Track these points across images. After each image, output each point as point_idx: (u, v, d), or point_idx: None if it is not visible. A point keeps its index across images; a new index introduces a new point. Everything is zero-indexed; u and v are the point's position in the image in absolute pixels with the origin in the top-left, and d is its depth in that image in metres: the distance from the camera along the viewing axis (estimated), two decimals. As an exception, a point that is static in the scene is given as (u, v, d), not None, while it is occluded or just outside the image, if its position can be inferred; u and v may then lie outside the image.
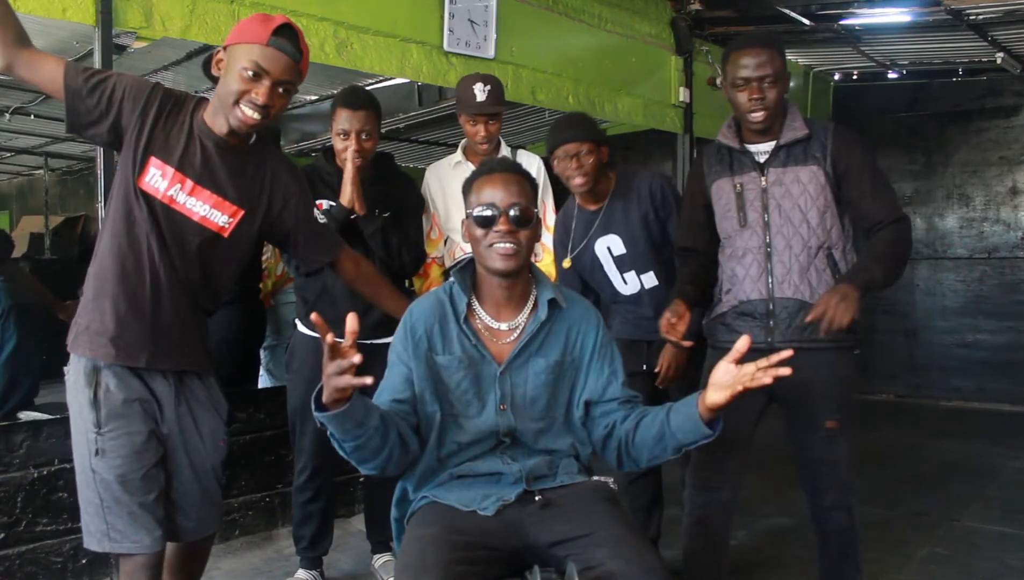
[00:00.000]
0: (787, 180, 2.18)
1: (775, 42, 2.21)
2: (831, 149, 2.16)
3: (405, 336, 1.79)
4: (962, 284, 6.17)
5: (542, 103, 4.33)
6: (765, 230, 2.21)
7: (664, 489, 2.90)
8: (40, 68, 1.81)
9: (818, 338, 2.10)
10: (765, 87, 2.14)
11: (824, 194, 2.16)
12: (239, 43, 1.80)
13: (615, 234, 2.66)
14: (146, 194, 1.82)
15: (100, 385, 1.80)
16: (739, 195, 2.24)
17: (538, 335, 1.79)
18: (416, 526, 1.70)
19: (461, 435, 1.77)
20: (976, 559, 3.03)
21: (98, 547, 1.82)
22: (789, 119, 2.21)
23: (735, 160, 2.27)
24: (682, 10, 4.99)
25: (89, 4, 2.72)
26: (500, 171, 1.79)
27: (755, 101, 2.15)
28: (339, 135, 2.61)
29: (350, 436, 1.55)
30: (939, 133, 6.21)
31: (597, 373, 1.82)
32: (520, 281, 1.80)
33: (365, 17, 3.49)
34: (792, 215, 2.18)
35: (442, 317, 1.79)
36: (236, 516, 3.28)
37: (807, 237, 2.17)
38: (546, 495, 1.73)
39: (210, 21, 3.01)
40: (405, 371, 1.77)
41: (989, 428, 5.33)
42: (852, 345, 2.21)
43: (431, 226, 3.01)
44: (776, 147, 2.20)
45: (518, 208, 1.74)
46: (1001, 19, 4.42)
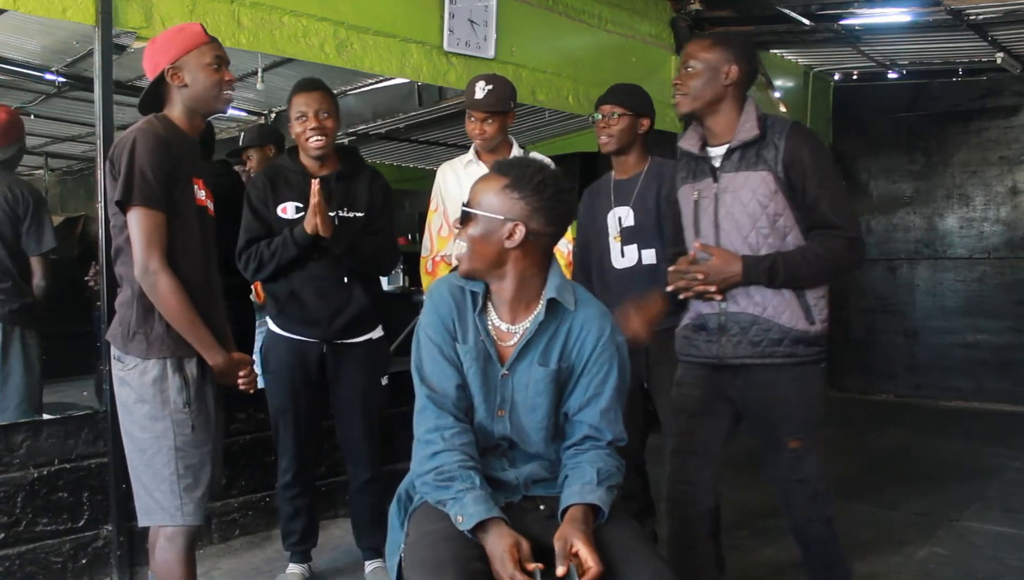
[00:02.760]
0: (737, 186, 2.07)
1: (712, 34, 2.19)
2: (783, 151, 2.03)
3: (434, 316, 1.74)
4: (962, 284, 6.16)
5: (542, 103, 4.33)
6: (717, 239, 2.11)
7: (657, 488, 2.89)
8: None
9: (775, 353, 2.06)
10: (685, 73, 2.14)
11: (775, 200, 2.04)
12: (189, 51, 2.04)
13: (629, 207, 2.75)
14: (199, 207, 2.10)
15: (186, 373, 2.02)
16: (696, 203, 2.16)
17: (539, 338, 1.72)
18: (422, 522, 1.67)
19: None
20: (976, 559, 3.03)
21: (169, 521, 2.00)
22: (743, 118, 2.09)
23: (697, 166, 2.19)
24: (682, 10, 5.00)
25: (89, 4, 2.73)
26: (492, 169, 1.78)
27: (676, 85, 2.17)
28: (297, 119, 2.64)
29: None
30: (939, 133, 6.20)
31: (583, 388, 1.73)
32: (511, 281, 1.71)
33: (365, 17, 3.49)
34: (741, 223, 2.07)
35: (460, 303, 1.74)
36: (236, 516, 3.28)
37: (757, 246, 2.06)
38: (550, 505, 1.71)
39: (210, 21, 3.02)
40: (440, 350, 1.71)
41: (989, 428, 5.32)
42: (815, 358, 2.10)
43: (441, 224, 3.01)
44: (728, 150, 2.10)
45: (465, 205, 1.71)
46: (1001, 19, 4.42)
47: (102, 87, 2.80)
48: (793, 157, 2.03)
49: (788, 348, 2.07)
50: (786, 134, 2.05)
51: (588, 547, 1.51)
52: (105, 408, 2.87)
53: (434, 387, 1.70)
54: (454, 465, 1.61)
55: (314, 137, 2.62)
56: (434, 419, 1.67)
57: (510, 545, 1.50)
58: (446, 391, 1.69)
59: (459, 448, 1.64)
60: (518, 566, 1.48)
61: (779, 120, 2.11)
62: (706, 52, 2.12)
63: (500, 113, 2.86)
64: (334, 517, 3.49)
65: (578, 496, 1.62)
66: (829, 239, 2.04)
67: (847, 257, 2.08)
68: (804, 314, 2.07)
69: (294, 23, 3.28)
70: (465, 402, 1.71)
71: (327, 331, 2.70)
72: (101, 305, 2.86)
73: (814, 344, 2.08)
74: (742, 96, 2.13)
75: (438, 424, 1.66)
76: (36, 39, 3.58)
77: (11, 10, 2.65)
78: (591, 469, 1.67)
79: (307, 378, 2.73)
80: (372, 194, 2.75)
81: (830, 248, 2.04)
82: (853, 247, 2.07)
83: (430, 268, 3.02)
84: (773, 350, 2.07)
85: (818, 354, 2.11)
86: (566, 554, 1.51)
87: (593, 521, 1.60)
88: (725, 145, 2.12)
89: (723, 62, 2.10)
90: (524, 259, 1.69)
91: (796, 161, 2.03)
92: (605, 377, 1.73)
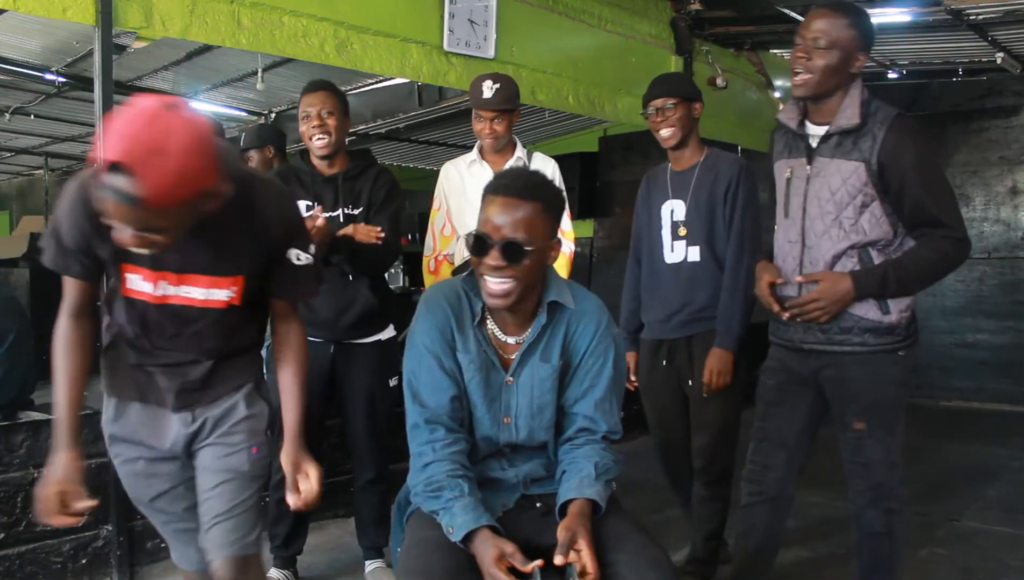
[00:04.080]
0: (829, 172, 2.03)
1: (848, 9, 2.03)
2: (880, 144, 1.97)
3: (430, 325, 1.71)
4: (962, 284, 6.16)
5: (542, 103, 4.34)
6: (803, 223, 2.09)
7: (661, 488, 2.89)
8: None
9: (844, 342, 2.05)
10: (812, 51, 1.99)
11: (864, 191, 1.99)
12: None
13: (681, 200, 2.72)
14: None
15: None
16: (788, 181, 2.13)
17: (540, 340, 1.72)
18: (416, 528, 1.67)
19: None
20: (976, 559, 3.02)
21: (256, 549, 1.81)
22: (846, 102, 2.01)
23: (793, 141, 2.14)
24: (682, 10, 5.00)
25: (89, 4, 2.72)
26: (506, 194, 1.62)
27: (799, 61, 2.02)
28: (303, 119, 2.66)
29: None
30: (939, 133, 6.20)
31: (580, 380, 1.74)
32: (524, 305, 1.70)
33: (365, 17, 3.49)
34: (827, 210, 2.04)
35: (459, 312, 1.71)
36: (236, 516, 3.27)
37: (836, 237, 2.03)
38: (546, 502, 1.72)
39: (210, 21, 3.02)
40: (438, 363, 1.69)
41: (989, 428, 5.33)
42: (889, 347, 2.06)
43: (444, 223, 3.01)
44: (826, 133, 2.05)
45: (513, 241, 1.58)
46: (1001, 19, 4.42)
47: (102, 87, 2.79)
48: (893, 155, 1.97)
49: (857, 337, 2.05)
50: (887, 126, 1.98)
51: (590, 548, 1.52)
52: (105, 408, 2.87)
53: (426, 404, 1.68)
54: (443, 475, 1.61)
55: (317, 136, 2.63)
56: (427, 435, 1.67)
57: (496, 557, 1.49)
58: (440, 404, 1.68)
59: (449, 458, 1.64)
60: (508, 574, 1.48)
61: (883, 107, 2.03)
62: (843, 32, 1.98)
63: (508, 111, 2.86)
64: (334, 517, 3.49)
65: (576, 491, 1.63)
66: (937, 240, 2.00)
67: (955, 258, 2.03)
68: (877, 305, 2.03)
69: (294, 23, 3.27)
70: (460, 411, 1.70)
71: (334, 331, 2.69)
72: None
73: (888, 333, 2.04)
74: (853, 80, 2.04)
75: (430, 438, 1.66)
76: (36, 39, 3.58)
77: (11, 10, 2.64)
78: (588, 464, 1.68)
79: (310, 379, 2.72)
80: (373, 190, 2.75)
81: (939, 250, 2.00)
82: (960, 247, 2.02)
83: (432, 267, 3.01)
84: (843, 338, 2.05)
85: (893, 343, 2.06)
86: (569, 546, 1.51)
87: (592, 516, 1.61)
88: (824, 126, 2.06)
89: (857, 49, 2.00)
90: (541, 270, 1.69)
91: (896, 160, 1.97)
92: (601, 369, 1.73)
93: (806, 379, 2.17)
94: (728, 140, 5.65)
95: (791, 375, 2.19)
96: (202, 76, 4.50)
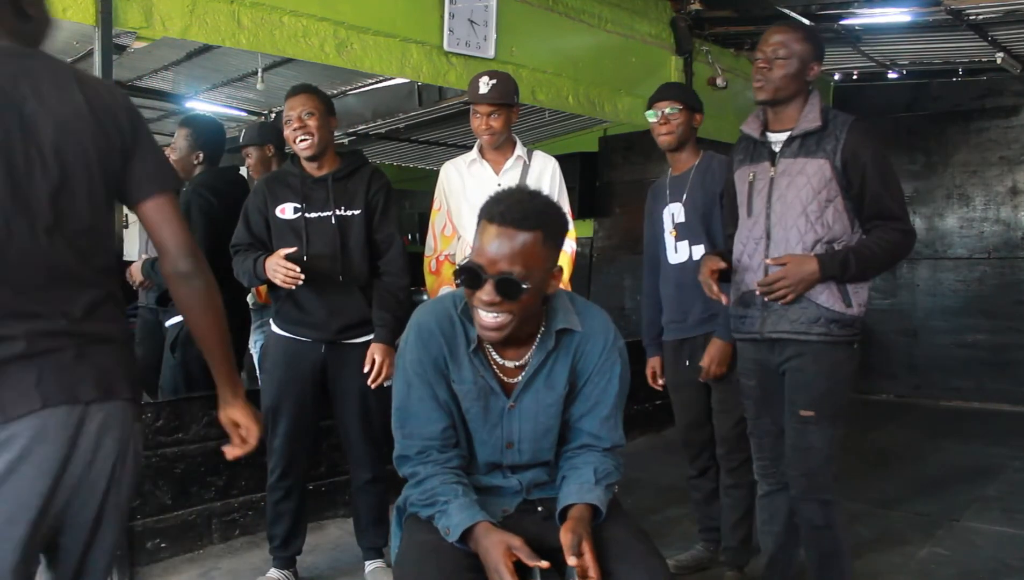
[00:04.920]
0: (794, 171, 2.19)
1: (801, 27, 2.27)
2: (843, 143, 2.15)
3: (422, 352, 1.64)
4: (962, 284, 6.16)
5: (542, 103, 4.34)
6: (767, 220, 2.23)
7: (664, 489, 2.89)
8: None
9: (810, 330, 2.17)
10: (772, 61, 2.19)
11: (828, 188, 2.16)
12: None
13: (680, 203, 2.81)
14: None
15: None
16: (750, 185, 2.28)
17: (544, 365, 1.68)
18: (413, 531, 1.66)
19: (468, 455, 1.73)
20: (976, 559, 3.02)
21: None
22: (807, 109, 2.21)
23: (756, 150, 2.30)
24: (682, 10, 5.00)
25: (89, 4, 2.72)
26: (502, 223, 1.50)
27: (760, 71, 2.21)
28: (286, 124, 2.68)
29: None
30: (939, 133, 6.20)
31: (585, 397, 1.72)
32: (521, 332, 1.62)
33: (365, 17, 3.49)
34: (792, 206, 2.19)
35: (452, 338, 1.64)
36: (236, 516, 3.27)
37: (804, 230, 2.18)
38: (547, 506, 1.71)
39: (210, 21, 3.02)
40: (431, 391, 1.64)
41: (989, 428, 5.32)
42: (847, 339, 2.20)
43: (445, 223, 3.00)
44: (789, 137, 2.22)
45: (509, 277, 1.49)
46: (1001, 19, 4.42)
47: (102, 87, 2.79)
48: (854, 153, 2.15)
49: (823, 327, 2.18)
50: (848, 128, 2.17)
51: (592, 555, 1.52)
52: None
53: (414, 435, 1.66)
54: (436, 483, 1.61)
55: (299, 137, 2.65)
56: (415, 462, 1.66)
57: (503, 552, 1.49)
58: (432, 435, 1.66)
59: (441, 471, 1.63)
60: (514, 572, 1.47)
61: (840, 114, 2.23)
62: (799, 44, 2.20)
63: (505, 107, 2.85)
64: (334, 517, 3.49)
65: (576, 496, 1.62)
66: (889, 231, 2.18)
67: (905, 247, 2.23)
68: (841, 297, 2.18)
69: (294, 23, 3.28)
70: (454, 438, 1.68)
71: (327, 332, 2.70)
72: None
73: (849, 326, 2.19)
74: (810, 90, 2.25)
75: (420, 460, 1.66)
76: (36, 39, 3.57)
77: (11, 10, 2.64)
78: (588, 469, 1.67)
79: (302, 379, 2.73)
80: (371, 193, 2.75)
81: (891, 240, 2.18)
82: (908, 237, 2.23)
83: (434, 267, 3.01)
84: (809, 328, 2.19)
85: (851, 336, 2.21)
86: (577, 547, 1.51)
87: (592, 521, 1.61)
88: (786, 132, 2.24)
89: (811, 59, 2.21)
90: (537, 302, 1.63)
91: (857, 157, 2.15)
92: (607, 384, 1.72)
93: (775, 371, 2.28)
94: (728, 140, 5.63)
95: (765, 370, 2.30)
96: (202, 76, 4.50)
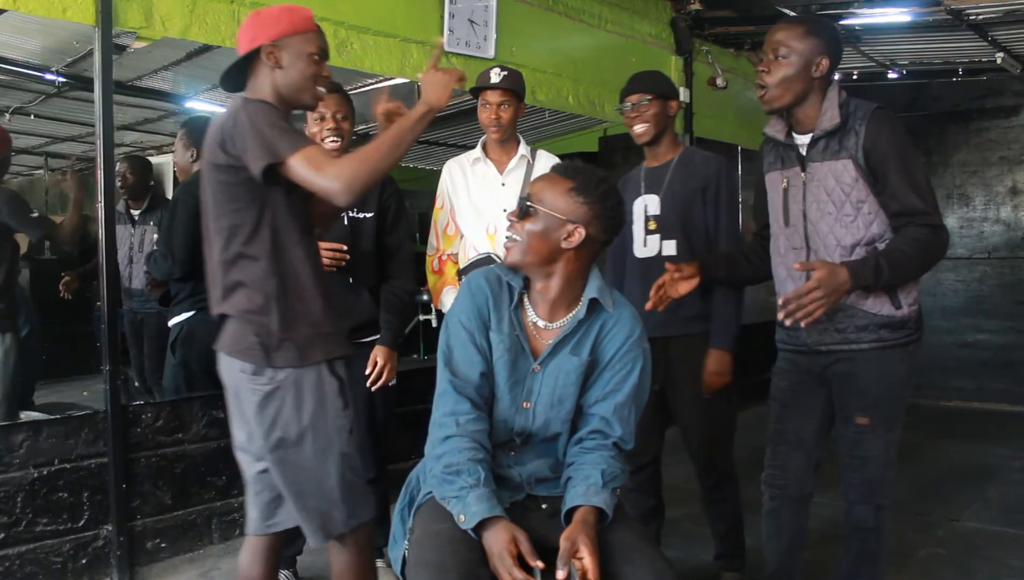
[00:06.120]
0: (822, 175, 2.09)
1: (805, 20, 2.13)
2: (863, 138, 2.03)
3: (470, 300, 1.76)
4: (962, 284, 6.17)
5: (542, 103, 4.34)
6: (805, 229, 2.14)
7: (664, 490, 2.89)
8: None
9: (860, 339, 2.08)
10: (772, 63, 2.09)
11: (856, 187, 2.04)
12: (296, 33, 1.87)
13: (656, 195, 2.72)
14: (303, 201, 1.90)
15: (339, 374, 1.91)
16: (785, 191, 2.18)
17: (574, 333, 1.75)
18: (428, 521, 1.66)
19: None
20: (976, 559, 3.03)
21: (344, 528, 1.90)
22: (825, 107, 2.09)
23: (784, 153, 2.20)
24: (682, 10, 5.00)
25: (89, 4, 2.72)
26: (553, 171, 1.79)
27: (760, 75, 2.12)
28: (316, 120, 2.63)
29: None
30: (939, 133, 6.20)
31: (604, 382, 1.75)
32: (558, 280, 1.73)
33: (365, 17, 3.49)
34: (827, 211, 2.09)
35: (498, 295, 1.76)
36: (236, 516, 3.27)
37: (841, 235, 2.07)
38: (552, 504, 1.71)
39: (210, 21, 3.02)
40: (472, 339, 1.73)
41: (989, 428, 5.33)
42: (901, 342, 2.09)
43: (448, 222, 3.00)
44: (812, 139, 2.11)
45: (526, 199, 1.72)
46: (1001, 19, 4.42)
47: (102, 87, 2.80)
48: (872, 143, 2.02)
49: (873, 333, 2.07)
50: (867, 121, 2.04)
51: (593, 556, 1.52)
52: (105, 408, 2.87)
53: (458, 373, 1.71)
54: (462, 456, 1.61)
55: (330, 139, 2.63)
56: (452, 404, 1.69)
57: (508, 541, 1.50)
58: (469, 377, 1.71)
59: (471, 435, 1.65)
60: (517, 562, 1.48)
61: (862, 104, 2.09)
62: (799, 41, 2.07)
63: (515, 98, 2.83)
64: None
65: (583, 498, 1.63)
66: (915, 229, 2.02)
67: (938, 245, 2.05)
68: (889, 299, 2.06)
69: (294, 23, 3.27)
70: (487, 390, 1.73)
71: None
72: (101, 305, 2.86)
73: (900, 327, 2.07)
74: (827, 85, 2.12)
75: (455, 409, 1.68)
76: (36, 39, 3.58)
77: (11, 10, 2.64)
78: (595, 471, 1.67)
79: None
80: (384, 197, 2.76)
81: (920, 238, 2.01)
82: (939, 234, 2.05)
83: (436, 266, 3.00)
84: (859, 336, 2.08)
85: (906, 337, 2.09)
86: (569, 556, 1.51)
87: (597, 524, 1.61)
88: (809, 133, 2.12)
89: (816, 54, 2.08)
90: (575, 261, 1.73)
91: (875, 147, 2.01)
92: (626, 375, 1.75)
93: (817, 376, 2.19)
94: (728, 140, 5.65)
95: (803, 374, 2.21)
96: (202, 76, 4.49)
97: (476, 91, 2.89)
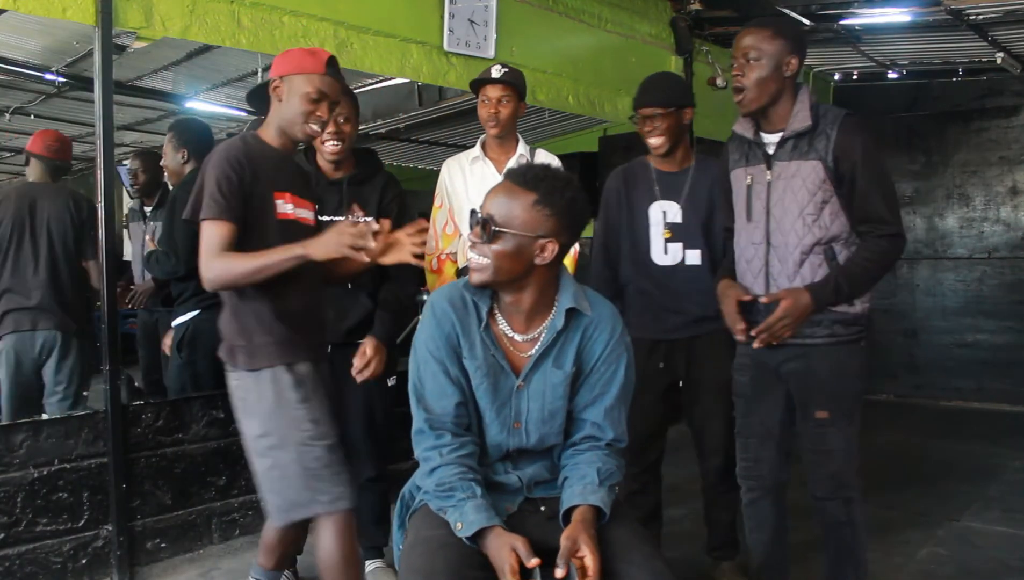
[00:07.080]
0: (788, 174, 2.14)
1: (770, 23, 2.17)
2: (833, 142, 2.09)
3: (435, 330, 1.69)
4: (962, 284, 6.16)
5: (542, 103, 4.34)
6: (767, 225, 2.19)
7: (665, 490, 2.89)
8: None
9: (814, 334, 2.15)
10: (744, 66, 2.13)
11: (823, 188, 2.11)
12: (301, 73, 2.07)
13: (676, 202, 2.70)
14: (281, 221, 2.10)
15: (298, 372, 2.08)
16: (749, 188, 2.23)
17: (554, 345, 1.70)
18: (420, 527, 1.66)
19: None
20: (976, 559, 3.03)
21: (307, 513, 2.06)
22: (797, 107, 2.14)
23: (750, 150, 2.24)
24: (682, 10, 5.00)
25: (89, 4, 2.72)
26: (507, 178, 1.67)
27: (735, 78, 2.16)
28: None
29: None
30: (939, 133, 6.20)
31: (591, 386, 1.73)
32: (531, 292, 1.68)
33: (365, 17, 3.50)
34: (790, 210, 2.14)
35: (464, 317, 1.69)
36: (236, 516, 3.28)
37: (802, 233, 2.13)
38: (550, 506, 1.71)
39: (210, 21, 3.02)
40: (443, 369, 1.68)
41: (989, 428, 5.32)
42: (853, 338, 2.17)
43: (447, 221, 3.00)
44: (781, 139, 2.16)
45: (489, 219, 1.61)
46: (1001, 19, 4.42)
47: (102, 87, 2.80)
48: (844, 149, 2.09)
49: (827, 328, 2.15)
50: (838, 125, 2.11)
51: (594, 555, 1.51)
52: (105, 408, 2.87)
53: (432, 410, 1.68)
54: (454, 477, 1.61)
55: (331, 141, 2.61)
56: (432, 440, 1.66)
57: (508, 553, 1.49)
58: (445, 411, 1.67)
59: (457, 461, 1.63)
60: (519, 576, 1.48)
61: (832, 109, 2.16)
62: (768, 43, 2.12)
63: (516, 94, 2.83)
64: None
65: (580, 497, 1.62)
66: (875, 240, 2.11)
67: (894, 253, 2.16)
68: None
69: (294, 23, 3.28)
70: (466, 419, 1.69)
71: (335, 334, 2.69)
72: (101, 305, 2.86)
73: (853, 324, 2.16)
74: (796, 85, 2.17)
75: (436, 443, 1.66)
76: (36, 39, 3.58)
77: (11, 10, 2.65)
78: (591, 469, 1.67)
79: None
80: (385, 201, 2.75)
81: (879, 249, 2.12)
82: (896, 242, 2.14)
83: (435, 266, 3.00)
84: (813, 331, 2.15)
85: (857, 333, 2.18)
86: (570, 555, 1.51)
87: (596, 522, 1.60)
88: (778, 133, 2.17)
89: (785, 54, 2.13)
90: (547, 271, 1.68)
91: (846, 153, 2.09)
92: (612, 375, 1.73)
93: (775, 370, 2.25)
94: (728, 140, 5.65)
95: (762, 368, 2.27)
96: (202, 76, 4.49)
97: (476, 87, 2.89)
